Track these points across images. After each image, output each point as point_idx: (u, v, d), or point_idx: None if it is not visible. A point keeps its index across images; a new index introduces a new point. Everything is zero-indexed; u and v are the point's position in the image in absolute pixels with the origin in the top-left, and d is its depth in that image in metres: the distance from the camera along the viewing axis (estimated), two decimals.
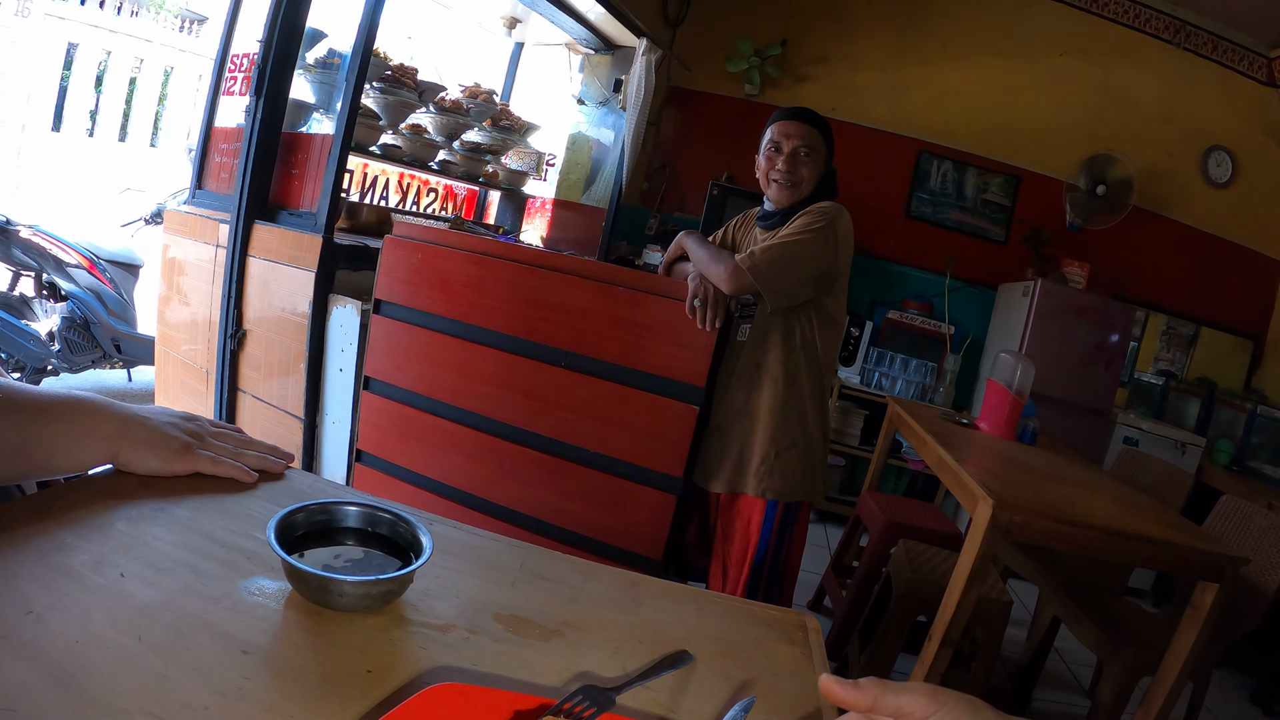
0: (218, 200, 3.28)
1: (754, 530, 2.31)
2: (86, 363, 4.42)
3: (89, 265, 4.41)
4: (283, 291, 2.99)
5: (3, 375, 0.92)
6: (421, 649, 0.71)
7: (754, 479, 2.29)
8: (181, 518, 0.84)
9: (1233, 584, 2.17)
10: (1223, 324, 5.49)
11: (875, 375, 5.25)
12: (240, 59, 3.36)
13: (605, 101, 5.15)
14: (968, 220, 5.56)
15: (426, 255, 2.36)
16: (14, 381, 0.81)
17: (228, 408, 3.19)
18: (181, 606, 0.69)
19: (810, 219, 2.23)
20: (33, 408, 0.81)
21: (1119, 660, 2.55)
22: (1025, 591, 4.10)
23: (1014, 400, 3.18)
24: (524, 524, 2.26)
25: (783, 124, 2.34)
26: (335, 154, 2.93)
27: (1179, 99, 5.32)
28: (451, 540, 0.94)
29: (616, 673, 0.73)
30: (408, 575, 0.75)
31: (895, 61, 5.50)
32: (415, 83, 3.73)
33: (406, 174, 4.50)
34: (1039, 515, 2.16)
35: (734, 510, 2.36)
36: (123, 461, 0.89)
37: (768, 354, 2.30)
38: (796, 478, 2.30)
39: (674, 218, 5.62)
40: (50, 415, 0.82)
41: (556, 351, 2.20)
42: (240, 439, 1.03)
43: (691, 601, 0.91)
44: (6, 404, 0.78)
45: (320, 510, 0.83)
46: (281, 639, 0.68)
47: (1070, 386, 4.72)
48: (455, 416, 2.33)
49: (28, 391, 0.81)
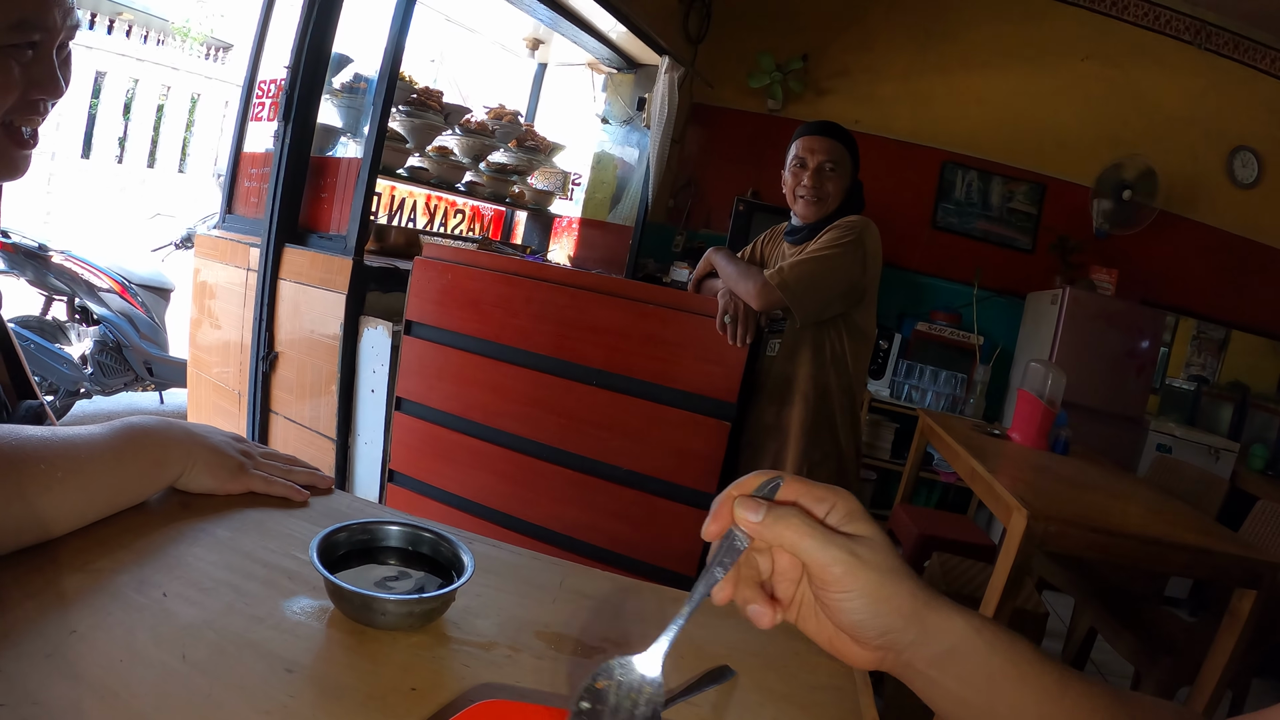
0: (248, 224, 3.32)
1: None
2: (119, 385, 4.47)
3: (120, 290, 4.46)
4: (314, 314, 3.01)
5: (65, 425, 0.93)
6: (465, 666, 0.71)
7: None
8: (222, 538, 0.84)
9: (1271, 590, 2.13)
10: (1254, 327, 5.39)
11: (905, 388, 5.21)
12: (267, 85, 3.41)
13: (629, 120, 5.17)
14: (994, 230, 5.52)
15: (456, 276, 2.37)
16: (86, 433, 0.80)
17: (260, 429, 3.21)
18: (225, 625, 0.69)
19: (838, 234, 2.23)
20: (110, 453, 0.81)
21: (1157, 670, 2.50)
22: (1060, 603, 4.04)
23: (1045, 410, 3.15)
24: (558, 542, 2.26)
25: (807, 139, 2.34)
26: (364, 177, 2.96)
27: (1202, 100, 5.26)
28: (491, 559, 0.94)
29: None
30: (450, 594, 0.75)
31: (916, 72, 5.48)
32: (441, 105, 3.76)
33: (434, 196, 4.53)
34: (1074, 525, 2.13)
35: None
36: (183, 483, 0.91)
37: (798, 369, 2.29)
38: None
39: (700, 234, 5.62)
40: (126, 457, 0.83)
41: (588, 370, 2.21)
42: (286, 457, 1.05)
43: (732, 617, 0.90)
44: (88, 461, 0.78)
45: (362, 530, 0.83)
46: (325, 658, 0.69)
47: (1101, 395, 4.66)
48: (487, 436, 2.34)
49: (97, 439, 0.81)
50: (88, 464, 0.78)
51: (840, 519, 0.57)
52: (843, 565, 0.55)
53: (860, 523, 0.57)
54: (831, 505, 0.58)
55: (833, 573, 0.55)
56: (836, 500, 0.58)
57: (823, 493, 0.58)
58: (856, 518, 0.58)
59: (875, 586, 0.55)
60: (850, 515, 0.58)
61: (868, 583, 0.55)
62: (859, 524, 0.57)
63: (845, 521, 0.57)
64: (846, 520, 0.57)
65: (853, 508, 0.58)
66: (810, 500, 0.58)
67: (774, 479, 0.59)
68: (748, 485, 0.60)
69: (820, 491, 0.58)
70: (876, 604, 0.55)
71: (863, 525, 0.57)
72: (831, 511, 0.57)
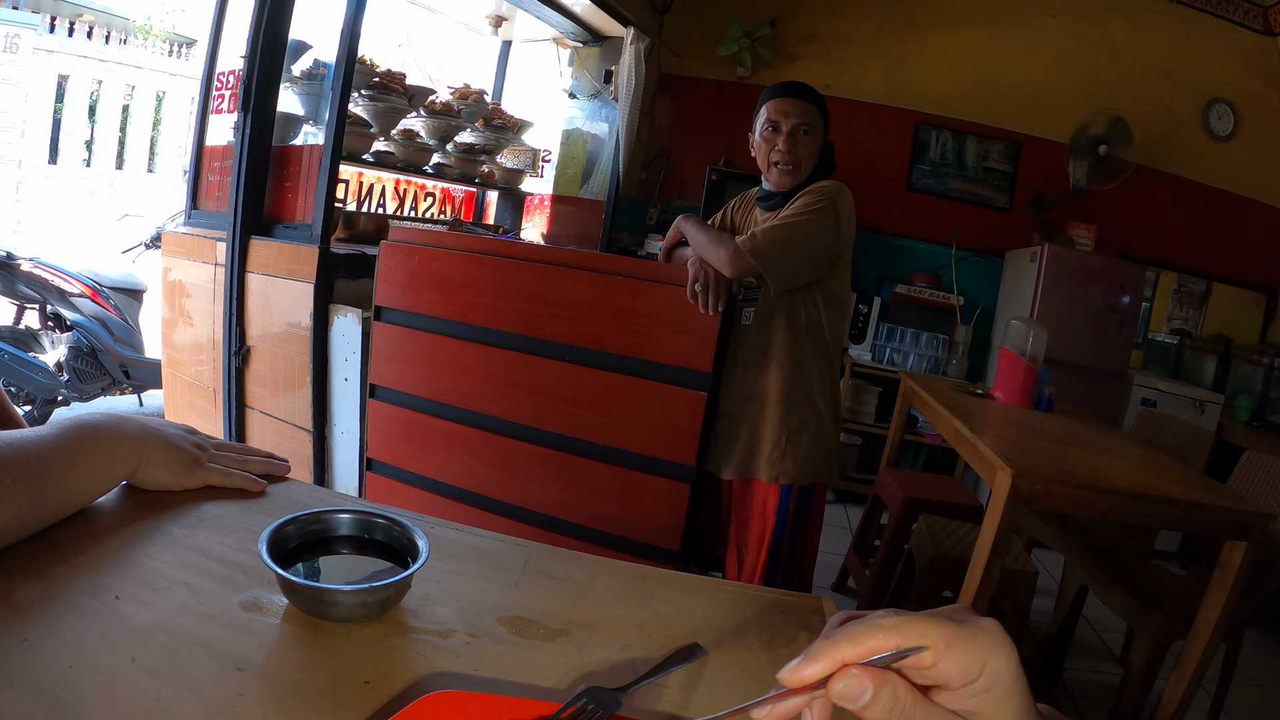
0: (213, 219, 3.27)
1: (769, 516, 2.29)
2: (96, 390, 4.43)
3: (92, 294, 4.41)
4: (283, 305, 2.97)
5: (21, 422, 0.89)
6: (421, 656, 0.69)
7: (766, 464, 2.26)
8: (177, 535, 0.82)
9: (1261, 541, 2.14)
10: (1235, 279, 5.41)
11: (886, 351, 5.21)
12: (226, 76, 3.35)
13: (597, 94, 5.13)
14: (970, 189, 5.50)
15: (423, 258, 2.34)
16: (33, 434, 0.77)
17: (237, 426, 3.18)
18: (176, 626, 0.67)
19: (811, 199, 2.19)
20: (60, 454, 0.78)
21: (1150, 625, 2.51)
22: (1051, 561, 4.06)
23: (1028, 367, 3.14)
24: (538, 522, 2.24)
25: (779, 101, 2.29)
26: (326, 164, 2.92)
27: (1176, 53, 5.23)
28: (452, 542, 0.91)
29: (625, 671, 0.71)
30: (404, 581, 0.73)
31: (887, 33, 5.44)
32: (404, 88, 3.71)
33: (402, 180, 4.48)
34: (1060, 482, 2.13)
35: (747, 496, 2.33)
36: (138, 479, 0.89)
37: (773, 337, 2.27)
38: (809, 461, 2.28)
39: (674, 206, 5.57)
40: (76, 456, 0.80)
41: (560, 346, 2.19)
42: (241, 448, 1.03)
43: (703, 592, 0.89)
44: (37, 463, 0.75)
45: (313, 520, 0.81)
46: (278, 654, 0.67)
47: (1084, 351, 4.66)
48: (463, 419, 2.32)
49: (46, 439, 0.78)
50: (37, 466, 0.75)
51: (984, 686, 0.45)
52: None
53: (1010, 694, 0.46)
54: (982, 668, 0.45)
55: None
56: (987, 662, 0.45)
57: (972, 656, 0.45)
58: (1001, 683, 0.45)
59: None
60: (995, 680, 0.45)
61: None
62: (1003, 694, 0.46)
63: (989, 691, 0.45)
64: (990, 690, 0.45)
65: (1000, 669, 0.45)
66: (952, 666, 0.45)
67: (909, 650, 0.44)
68: (865, 644, 0.45)
69: (967, 654, 0.45)
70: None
71: None
72: (982, 675, 0.45)
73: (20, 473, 0.72)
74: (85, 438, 0.81)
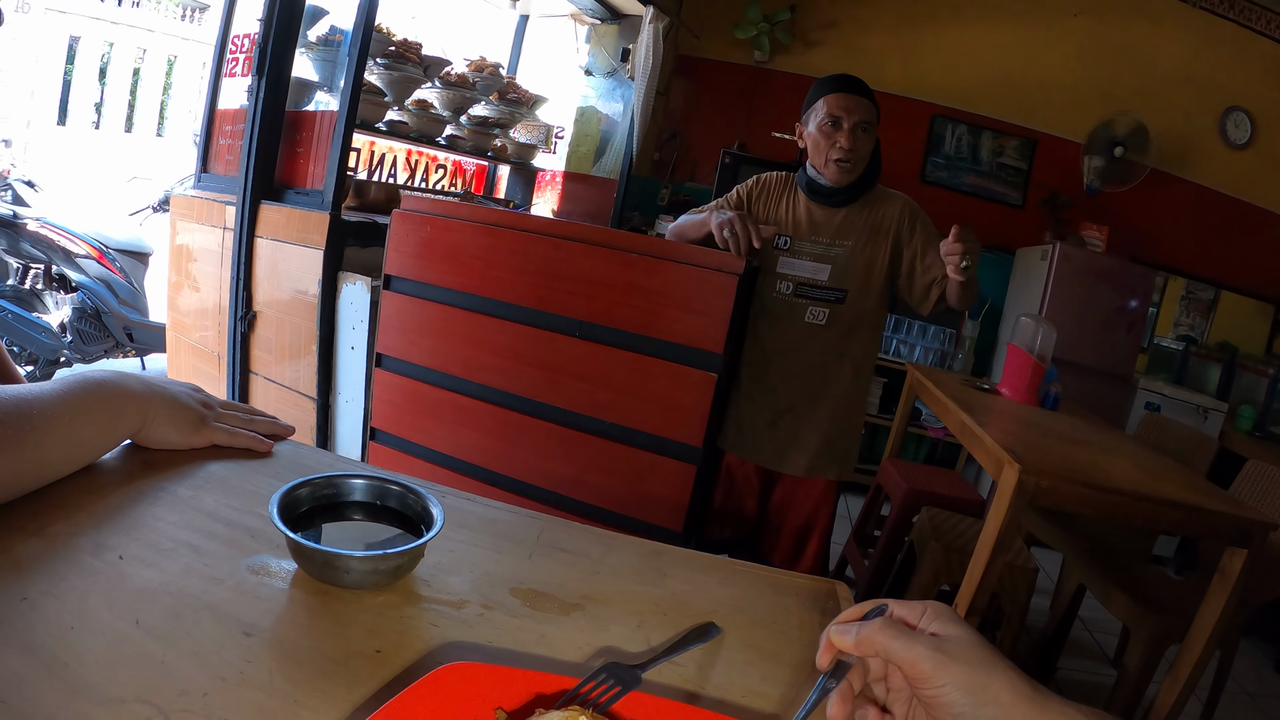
0: (223, 183, 3.24)
1: (825, 509, 2.41)
2: (99, 352, 4.42)
3: (98, 255, 4.39)
4: (292, 271, 2.96)
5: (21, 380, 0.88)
6: (433, 626, 0.68)
7: (835, 464, 2.38)
8: (183, 496, 0.81)
9: (1261, 550, 2.13)
10: (1244, 288, 5.38)
11: (893, 343, 5.21)
12: (241, 39, 3.32)
13: (613, 72, 5.09)
14: (984, 185, 5.48)
15: (435, 228, 2.32)
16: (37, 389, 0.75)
17: (240, 391, 3.17)
18: (181, 588, 0.66)
19: (928, 221, 2.47)
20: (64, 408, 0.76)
21: (1146, 628, 2.50)
22: (1048, 560, 4.05)
23: (1035, 364, 3.12)
24: (542, 498, 2.23)
25: (840, 97, 2.25)
26: (340, 130, 2.89)
27: (1196, 59, 5.19)
28: (465, 513, 0.90)
29: (640, 647, 0.70)
30: (418, 549, 0.72)
31: (906, 24, 5.39)
32: (420, 58, 3.68)
33: (414, 150, 4.46)
34: (1065, 480, 2.11)
35: (808, 492, 2.41)
36: (143, 438, 0.87)
37: (855, 343, 2.37)
38: (852, 458, 2.43)
39: (685, 187, 5.56)
40: (80, 411, 0.78)
41: (570, 321, 2.17)
42: (247, 408, 1.01)
43: (717, 571, 0.88)
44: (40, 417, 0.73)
45: (326, 484, 0.79)
46: (286, 619, 0.65)
47: (1091, 351, 4.64)
48: (469, 391, 2.30)
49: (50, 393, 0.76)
50: (41, 421, 0.73)
51: (930, 623, 0.60)
52: (930, 661, 0.56)
53: (949, 624, 0.60)
54: (922, 612, 0.61)
55: (922, 669, 0.57)
56: (926, 608, 0.61)
57: (914, 605, 0.62)
58: (946, 620, 0.60)
59: (967, 678, 0.56)
60: (939, 617, 0.60)
61: (958, 674, 0.56)
62: (948, 625, 0.60)
63: (935, 625, 0.60)
64: (936, 623, 0.60)
65: (942, 612, 0.61)
66: (902, 612, 0.62)
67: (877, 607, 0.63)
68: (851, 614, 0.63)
69: (912, 605, 0.62)
70: (972, 694, 0.56)
71: (951, 626, 0.59)
72: (923, 618, 0.60)
73: (23, 425, 0.71)
74: (90, 393, 0.80)
